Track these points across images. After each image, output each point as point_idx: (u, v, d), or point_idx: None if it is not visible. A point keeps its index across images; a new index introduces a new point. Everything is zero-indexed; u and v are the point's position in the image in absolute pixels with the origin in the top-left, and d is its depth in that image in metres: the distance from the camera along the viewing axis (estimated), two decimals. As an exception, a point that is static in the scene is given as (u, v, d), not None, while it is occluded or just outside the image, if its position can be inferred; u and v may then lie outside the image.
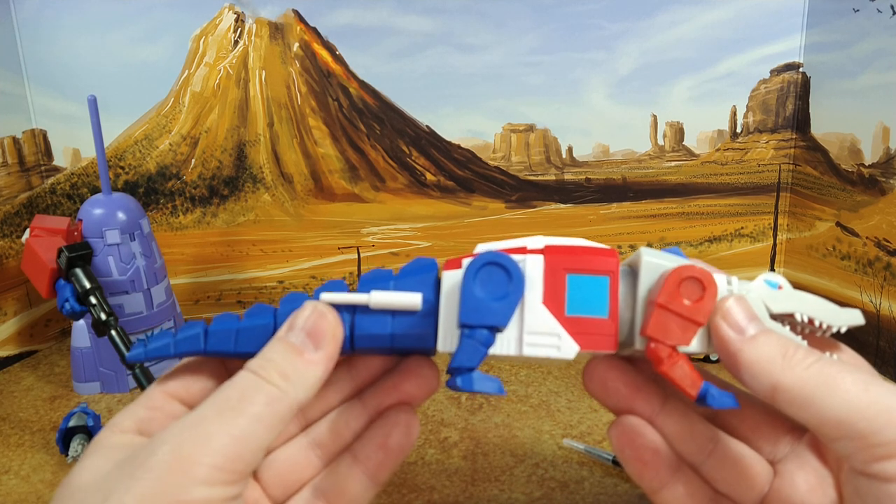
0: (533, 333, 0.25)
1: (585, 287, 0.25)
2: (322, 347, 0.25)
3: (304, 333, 0.25)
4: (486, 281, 0.25)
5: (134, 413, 0.25)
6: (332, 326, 0.25)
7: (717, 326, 0.24)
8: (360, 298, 0.26)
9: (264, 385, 0.23)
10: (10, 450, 0.47)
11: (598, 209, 0.70)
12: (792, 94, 0.66)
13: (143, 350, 0.28)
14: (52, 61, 0.65)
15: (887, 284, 0.55)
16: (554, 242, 0.26)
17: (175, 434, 0.22)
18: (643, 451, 0.27)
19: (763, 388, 0.23)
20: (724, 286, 0.25)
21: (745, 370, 0.23)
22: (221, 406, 0.23)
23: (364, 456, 0.28)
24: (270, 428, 0.23)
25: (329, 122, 0.68)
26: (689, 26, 0.65)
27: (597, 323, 0.25)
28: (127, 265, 0.54)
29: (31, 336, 0.64)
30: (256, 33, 0.66)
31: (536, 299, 0.25)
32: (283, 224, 0.70)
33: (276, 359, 0.24)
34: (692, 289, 0.24)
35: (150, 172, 0.68)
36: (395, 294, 0.26)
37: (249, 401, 0.23)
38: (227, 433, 0.22)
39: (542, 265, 0.25)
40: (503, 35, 0.66)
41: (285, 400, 0.23)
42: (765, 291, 0.25)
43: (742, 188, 0.69)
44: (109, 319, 0.47)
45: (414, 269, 0.27)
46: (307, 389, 0.24)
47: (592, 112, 0.67)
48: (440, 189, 0.69)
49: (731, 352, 0.23)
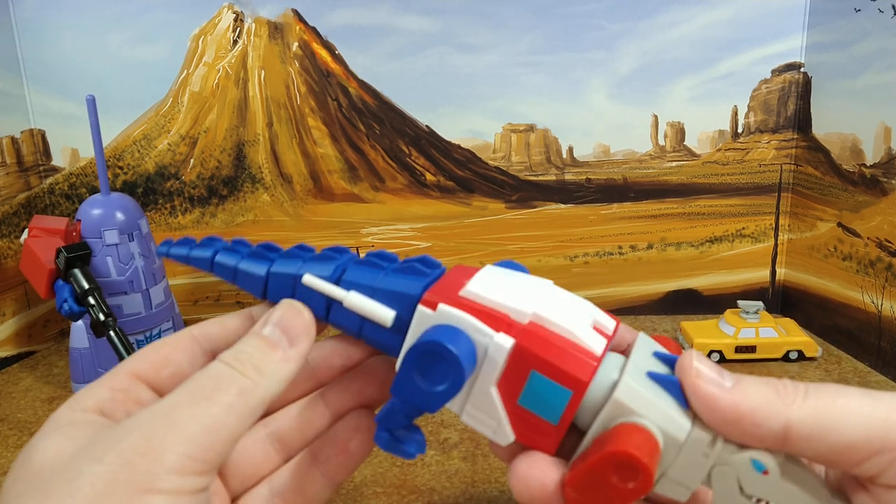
0: (476, 408, 0.24)
1: (545, 389, 0.23)
2: (296, 345, 0.25)
3: (279, 329, 0.25)
4: (428, 365, 0.23)
5: (96, 393, 0.24)
6: (307, 325, 0.25)
7: (696, 388, 0.22)
8: (338, 294, 0.26)
9: (237, 376, 0.23)
10: (8, 450, 0.47)
11: (599, 209, 0.70)
12: (793, 94, 0.66)
13: (166, 249, 0.29)
14: (50, 61, 0.65)
15: (888, 285, 0.55)
16: (544, 319, 0.23)
17: (146, 420, 0.21)
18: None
19: (774, 431, 0.21)
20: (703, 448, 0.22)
21: (747, 419, 0.21)
22: (194, 394, 0.22)
23: (324, 457, 0.28)
24: (242, 419, 0.22)
25: (328, 121, 0.67)
26: (689, 26, 0.65)
27: (543, 425, 0.23)
28: (125, 265, 0.54)
29: (29, 336, 0.64)
30: (255, 33, 0.66)
31: (490, 380, 0.23)
32: (283, 224, 0.69)
33: (250, 351, 0.24)
34: (626, 473, 0.21)
35: (148, 172, 0.68)
36: (370, 303, 0.25)
37: (222, 390, 0.22)
38: (198, 422, 0.21)
39: (507, 352, 0.23)
40: (503, 35, 0.65)
41: (257, 392, 0.23)
42: (746, 470, 0.22)
43: (743, 188, 0.69)
44: (108, 320, 0.46)
45: (406, 276, 0.26)
46: (279, 383, 0.24)
47: (593, 112, 0.67)
48: (440, 189, 0.69)
49: (723, 406, 0.22)
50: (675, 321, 0.65)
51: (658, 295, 0.71)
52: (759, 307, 0.58)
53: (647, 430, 0.22)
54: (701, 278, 0.71)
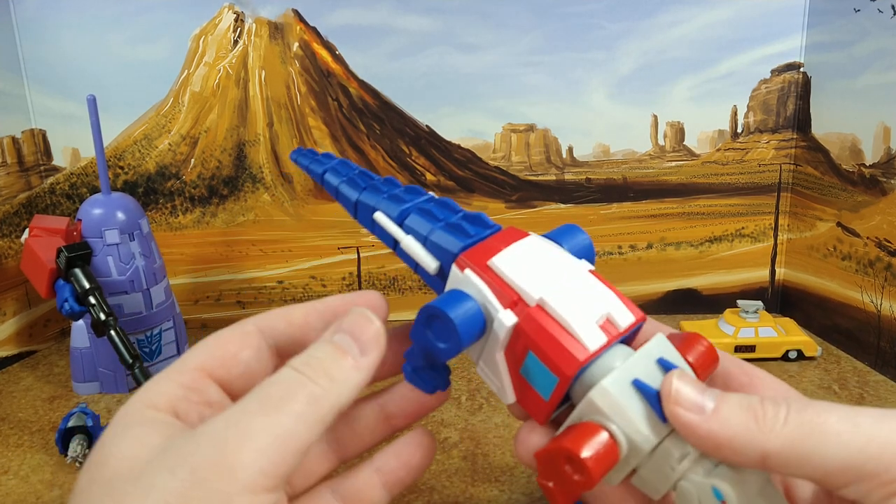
0: (486, 366, 0.27)
1: (538, 370, 0.24)
2: (367, 353, 0.24)
3: (350, 337, 0.24)
4: (434, 325, 0.25)
5: (166, 389, 0.24)
6: (377, 334, 0.25)
7: (675, 414, 0.23)
8: (398, 236, 0.29)
9: (307, 383, 0.22)
10: (9, 450, 0.47)
11: (599, 209, 0.70)
12: (793, 94, 0.66)
13: (296, 156, 0.35)
14: (51, 61, 0.65)
15: (888, 285, 0.55)
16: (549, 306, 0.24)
17: (219, 429, 0.21)
18: None
19: (752, 459, 0.22)
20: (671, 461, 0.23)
21: (726, 448, 0.22)
22: (264, 402, 0.22)
23: (388, 469, 0.29)
24: (312, 428, 0.22)
25: (329, 121, 0.67)
26: (689, 26, 0.65)
27: (537, 398, 0.25)
28: (126, 265, 0.54)
29: (30, 336, 0.64)
30: (256, 33, 0.66)
31: (496, 347, 0.25)
32: (283, 224, 0.70)
33: (320, 357, 0.24)
34: (573, 467, 0.23)
35: (149, 172, 0.68)
36: (421, 250, 0.28)
37: (292, 398, 0.22)
38: (269, 432, 0.21)
39: (508, 329, 0.25)
40: (503, 35, 0.65)
41: (328, 400, 0.22)
42: (706, 495, 0.22)
43: (743, 188, 0.69)
44: (109, 319, 0.47)
45: (459, 229, 0.28)
46: (350, 391, 0.23)
47: (593, 112, 0.67)
48: (440, 189, 0.69)
49: (702, 435, 0.22)
50: (675, 321, 0.65)
51: (658, 295, 0.71)
52: (759, 307, 0.58)
53: (608, 435, 0.23)
54: (700, 278, 0.71)
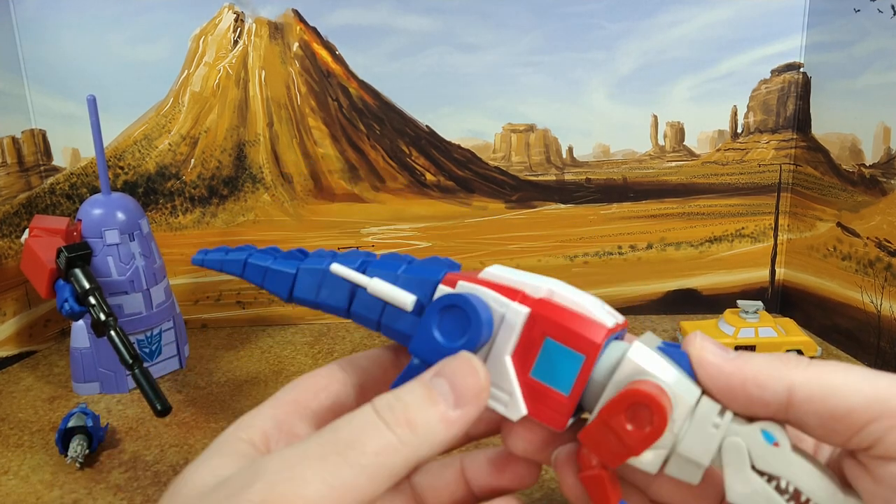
0: (490, 377, 0.25)
1: (559, 357, 0.23)
2: (463, 406, 0.22)
3: (448, 384, 0.22)
4: (448, 320, 0.24)
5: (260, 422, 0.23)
6: (481, 388, 0.22)
7: (702, 356, 0.23)
8: (362, 281, 0.27)
9: (383, 430, 0.20)
10: (9, 450, 0.47)
11: (599, 209, 0.70)
12: (793, 94, 0.66)
13: (202, 257, 0.31)
14: (51, 61, 0.65)
15: (888, 285, 0.55)
16: (557, 294, 0.24)
17: (273, 471, 0.20)
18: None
19: (778, 393, 0.22)
20: (713, 417, 0.22)
21: (752, 382, 0.22)
22: (326, 447, 0.20)
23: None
24: (377, 481, 0.20)
25: (329, 122, 0.67)
26: (689, 26, 0.65)
27: (555, 397, 0.24)
28: (126, 265, 0.54)
29: (30, 336, 0.64)
30: (256, 33, 0.66)
31: (505, 350, 0.24)
32: (283, 224, 0.70)
33: (408, 402, 0.21)
34: (640, 416, 0.22)
35: (149, 172, 0.68)
36: (392, 289, 0.26)
37: (360, 446, 0.20)
38: (324, 482, 0.19)
39: (523, 319, 0.24)
40: (503, 35, 0.65)
41: (402, 453, 0.20)
42: (756, 441, 0.22)
43: (743, 188, 0.69)
44: (109, 320, 0.47)
45: (424, 269, 0.27)
46: (432, 447, 0.21)
47: (593, 112, 0.67)
48: (440, 189, 0.69)
49: (728, 371, 0.22)
50: (675, 321, 0.65)
51: (657, 295, 0.71)
52: (759, 307, 0.58)
53: (659, 384, 0.22)
54: (700, 278, 0.71)
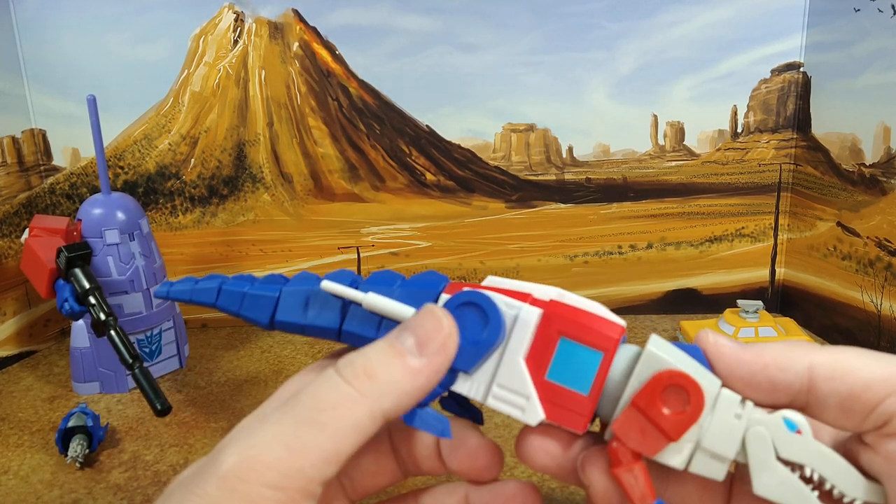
0: (502, 387, 0.24)
1: (575, 356, 0.23)
2: (427, 355, 0.21)
3: (412, 335, 0.22)
4: (463, 320, 0.23)
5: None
6: (445, 335, 0.22)
7: (718, 349, 0.23)
8: (356, 296, 0.25)
9: (339, 384, 0.20)
10: (9, 450, 0.47)
11: (599, 209, 0.70)
12: (793, 94, 0.66)
13: (167, 289, 0.29)
14: (51, 61, 0.65)
15: (888, 285, 0.55)
16: (564, 298, 0.24)
17: (235, 440, 0.19)
18: None
19: (800, 374, 0.22)
20: (735, 407, 0.22)
21: (773, 367, 0.22)
22: (285, 410, 0.20)
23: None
24: (339, 437, 0.19)
25: (329, 121, 0.67)
26: (689, 26, 0.65)
27: (574, 397, 0.23)
28: (126, 265, 0.54)
29: (30, 336, 0.64)
30: (256, 33, 0.66)
31: (519, 353, 0.24)
32: (283, 224, 0.70)
33: (371, 356, 0.21)
34: (676, 398, 0.22)
35: (149, 172, 0.68)
36: (390, 302, 0.25)
37: (316, 403, 0.20)
38: (280, 443, 0.19)
39: (536, 319, 0.23)
40: (503, 35, 0.65)
41: (364, 404, 0.20)
42: (779, 430, 0.22)
43: (743, 188, 0.69)
44: (109, 319, 0.47)
45: (421, 282, 0.26)
46: (397, 397, 0.20)
47: (593, 112, 0.67)
48: (440, 189, 0.69)
49: (747, 359, 0.22)
50: (675, 321, 0.65)
51: (658, 294, 0.71)
52: (759, 307, 0.58)
53: (684, 370, 0.22)
54: (700, 278, 0.71)
